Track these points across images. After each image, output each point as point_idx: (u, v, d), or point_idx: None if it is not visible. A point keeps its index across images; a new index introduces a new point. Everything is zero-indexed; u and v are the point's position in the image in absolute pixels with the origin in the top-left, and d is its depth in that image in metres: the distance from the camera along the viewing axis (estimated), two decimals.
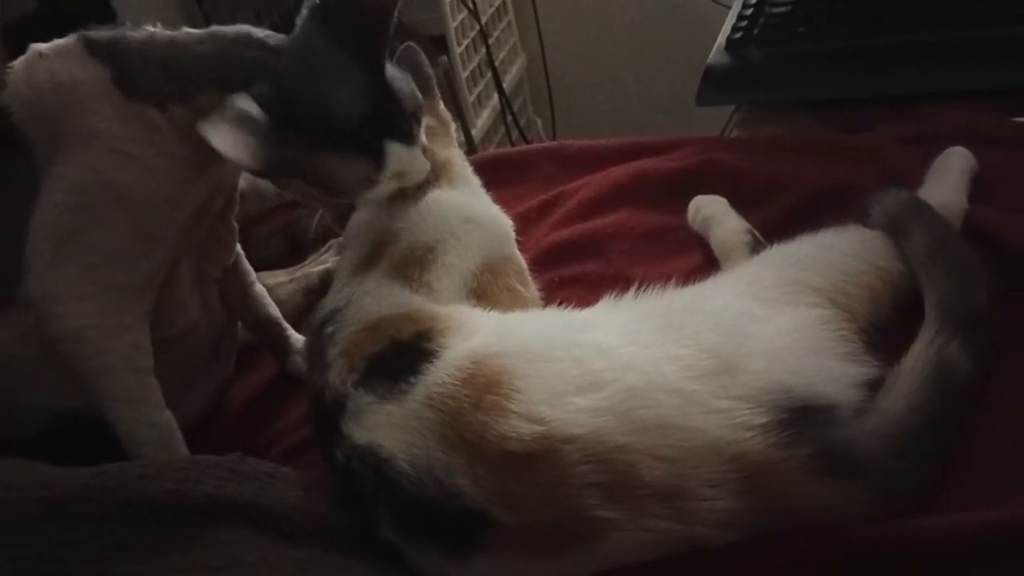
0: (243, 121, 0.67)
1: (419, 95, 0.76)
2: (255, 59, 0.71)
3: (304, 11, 0.73)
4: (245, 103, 0.67)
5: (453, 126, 0.89)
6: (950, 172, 0.81)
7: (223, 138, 0.66)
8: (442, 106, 0.89)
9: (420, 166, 0.75)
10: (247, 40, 0.72)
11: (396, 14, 0.73)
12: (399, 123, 0.73)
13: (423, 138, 0.78)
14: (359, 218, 0.81)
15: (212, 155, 0.70)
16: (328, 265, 1.02)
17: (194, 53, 0.73)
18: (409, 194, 0.79)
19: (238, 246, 0.90)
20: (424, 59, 0.90)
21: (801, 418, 0.59)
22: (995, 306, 0.68)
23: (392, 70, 0.73)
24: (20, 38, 1.39)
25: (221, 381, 0.92)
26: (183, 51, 0.73)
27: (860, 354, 0.65)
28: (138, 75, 0.73)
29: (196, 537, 0.60)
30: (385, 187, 0.74)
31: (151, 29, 0.76)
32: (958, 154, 0.83)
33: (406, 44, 0.89)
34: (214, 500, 0.62)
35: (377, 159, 0.73)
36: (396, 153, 0.73)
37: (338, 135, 0.71)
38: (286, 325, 0.94)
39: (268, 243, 1.09)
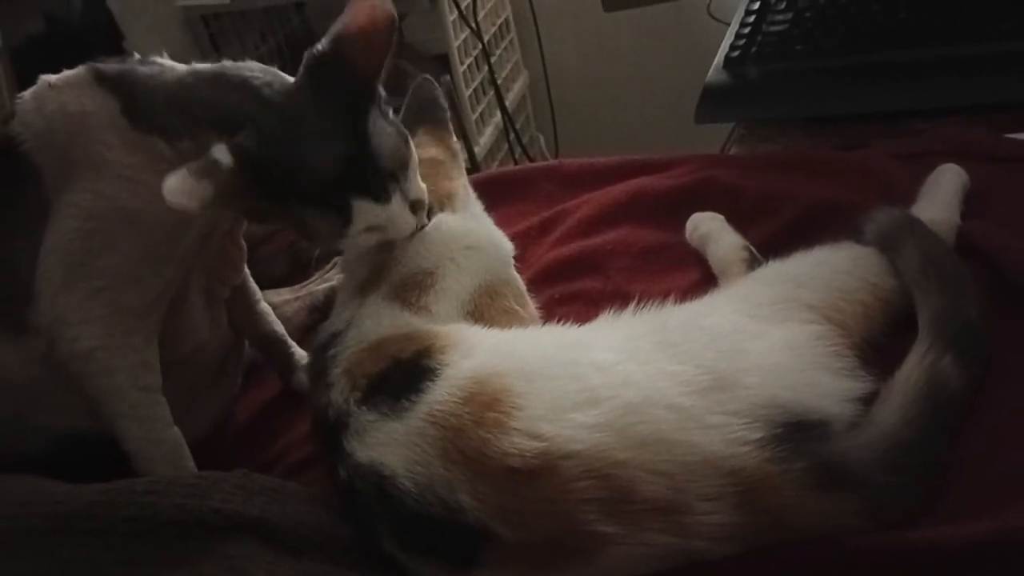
0: (206, 171, 0.67)
1: (405, 152, 0.75)
2: (247, 109, 0.72)
3: (303, 64, 0.73)
4: (220, 152, 0.68)
5: (461, 156, 0.90)
6: (942, 189, 0.82)
7: (173, 184, 0.66)
8: (453, 139, 0.90)
9: (401, 221, 0.74)
10: (244, 87, 0.73)
11: (384, 73, 0.74)
12: (371, 182, 0.72)
13: (417, 183, 0.77)
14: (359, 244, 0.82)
15: None
16: (333, 283, 1.03)
17: (198, 95, 0.74)
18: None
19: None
20: (439, 92, 0.91)
21: (795, 433, 0.60)
22: (987, 321, 0.69)
23: (379, 126, 0.73)
24: (28, 59, 1.42)
25: (228, 399, 0.93)
26: (188, 91, 0.74)
27: (854, 369, 0.66)
28: (145, 108, 0.74)
29: (204, 551, 0.61)
30: (364, 239, 0.74)
31: (161, 62, 0.77)
32: (950, 171, 0.84)
33: (423, 77, 0.90)
34: (221, 515, 0.63)
35: (345, 216, 0.72)
36: (365, 210, 0.72)
37: (307, 191, 0.71)
38: (291, 342, 0.95)
39: (274, 262, 1.11)
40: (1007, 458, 0.63)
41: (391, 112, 0.76)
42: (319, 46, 0.72)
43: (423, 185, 0.77)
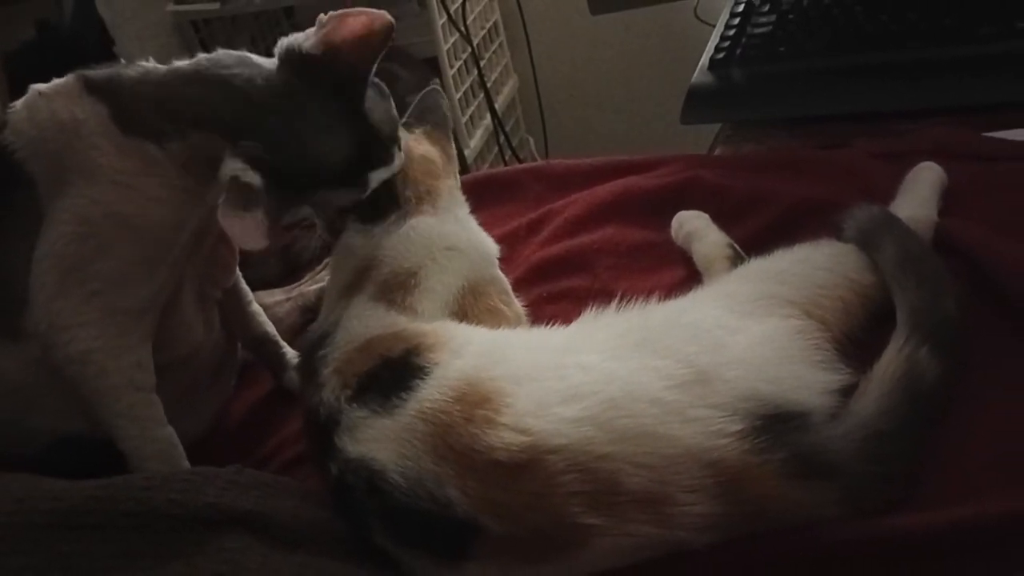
0: (246, 199, 0.71)
1: (394, 113, 0.80)
2: (237, 110, 0.74)
3: (277, 57, 0.76)
4: (239, 169, 0.71)
5: (455, 161, 0.92)
6: (921, 186, 0.84)
7: (242, 232, 0.71)
8: (452, 146, 0.92)
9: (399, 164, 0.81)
10: (226, 85, 0.75)
11: (376, 63, 0.77)
12: (380, 153, 0.78)
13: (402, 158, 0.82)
14: (341, 246, 0.83)
15: (212, 182, 0.73)
16: (324, 284, 1.04)
17: (183, 94, 0.76)
18: (391, 221, 0.82)
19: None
20: (443, 101, 0.94)
21: (775, 424, 0.61)
22: (964, 315, 0.70)
23: (370, 99, 0.77)
24: (20, 66, 1.42)
25: (223, 400, 0.94)
26: (173, 91, 0.76)
27: (833, 362, 0.67)
28: (134, 112, 0.75)
29: (199, 545, 0.62)
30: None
31: (146, 65, 0.79)
32: (929, 169, 0.86)
33: (432, 87, 0.93)
34: (216, 509, 0.64)
35: (363, 188, 0.78)
36: (377, 176, 0.78)
37: (326, 179, 0.76)
38: (282, 342, 0.96)
39: (266, 263, 1.11)
40: (984, 448, 0.65)
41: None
42: (304, 46, 0.74)
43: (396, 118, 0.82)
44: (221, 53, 0.78)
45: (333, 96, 0.75)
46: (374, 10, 0.74)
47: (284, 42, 0.76)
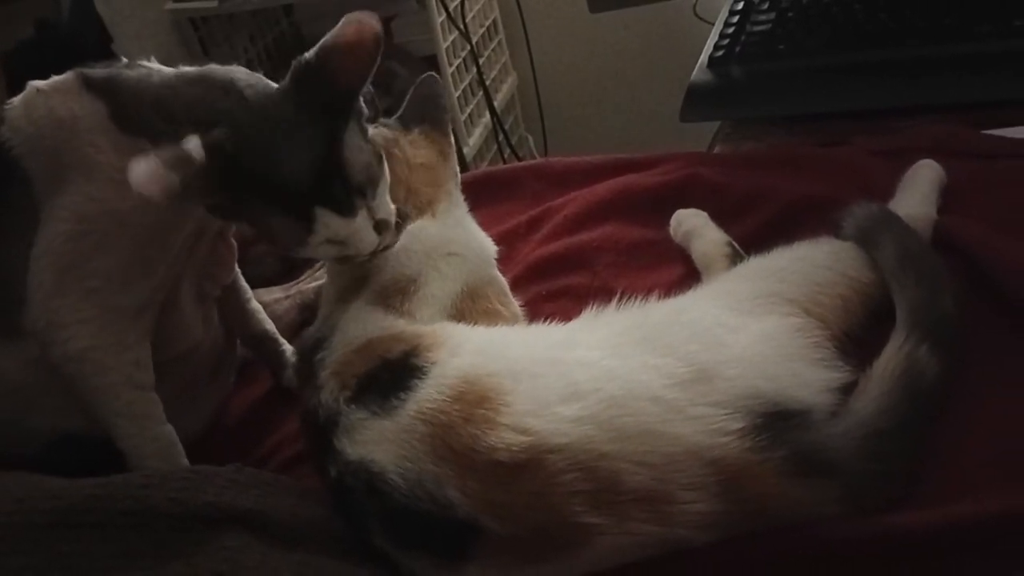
0: (177, 161, 0.66)
1: (377, 170, 0.75)
2: (226, 108, 0.72)
3: (290, 71, 0.74)
4: (193, 146, 0.67)
5: (455, 159, 0.90)
6: (920, 184, 0.84)
7: (140, 171, 0.65)
8: (450, 140, 0.90)
9: (364, 238, 0.74)
10: (228, 88, 0.74)
11: (367, 87, 0.74)
12: (338, 194, 0.72)
13: (386, 203, 0.77)
14: None
15: None
16: (323, 281, 1.04)
17: (182, 97, 0.75)
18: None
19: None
20: (441, 91, 0.91)
21: (775, 422, 0.62)
22: (962, 313, 0.71)
23: (354, 140, 0.73)
24: (18, 64, 1.42)
25: (222, 397, 0.94)
26: (173, 93, 0.75)
27: (833, 360, 0.67)
28: (133, 112, 0.75)
29: (198, 543, 0.62)
30: (323, 250, 0.74)
31: (149, 66, 0.78)
32: (928, 166, 0.86)
33: (428, 74, 0.91)
34: (215, 507, 0.64)
35: (308, 224, 0.72)
36: (328, 221, 0.72)
37: (274, 194, 0.71)
38: (281, 340, 0.96)
39: (264, 261, 1.11)
40: (983, 445, 0.65)
41: (370, 128, 0.77)
42: (307, 55, 0.73)
43: (392, 207, 0.77)
44: (235, 67, 0.77)
45: (318, 114, 0.72)
46: (365, 18, 0.73)
47: (297, 58, 0.74)
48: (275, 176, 0.71)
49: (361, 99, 0.75)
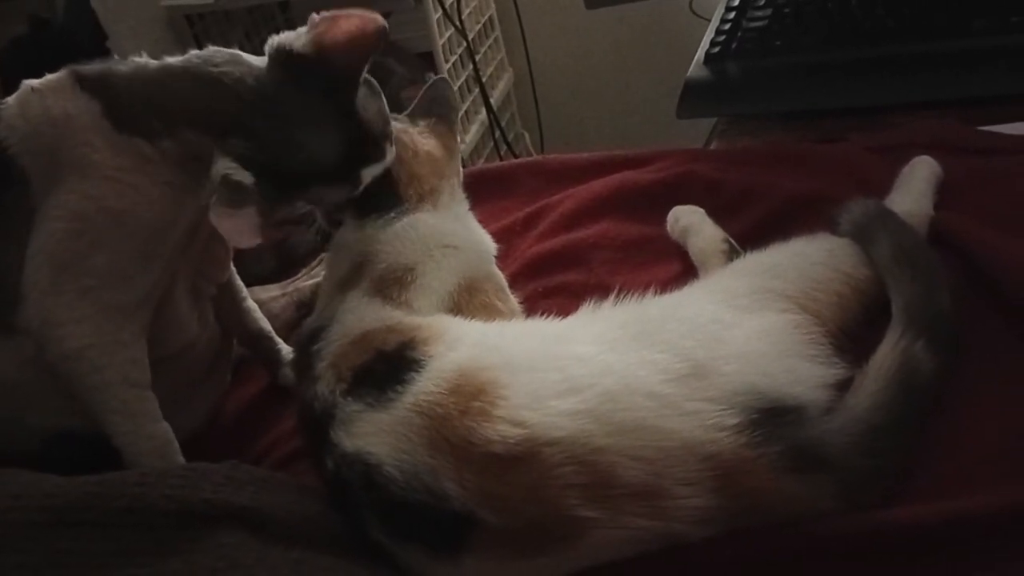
0: (237, 197, 0.71)
1: (385, 110, 0.80)
2: (231, 111, 0.74)
3: (267, 56, 0.75)
4: (230, 167, 0.71)
5: (458, 156, 0.92)
6: (916, 181, 0.84)
7: (234, 230, 0.72)
8: (456, 139, 0.91)
9: (391, 159, 0.81)
10: (216, 83, 0.75)
11: (367, 66, 0.77)
12: (371, 151, 0.78)
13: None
14: (337, 240, 0.83)
15: (205, 179, 0.73)
16: (319, 279, 1.04)
17: (173, 92, 0.75)
18: (390, 217, 0.82)
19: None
20: (451, 93, 0.94)
21: (771, 418, 0.62)
22: (958, 309, 0.71)
23: (362, 97, 0.77)
24: (12, 61, 1.42)
25: (218, 396, 0.94)
26: (164, 89, 0.75)
27: (828, 356, 0.68)
28: (126, 109, 0.75)
29: (195, 540, 0.61)
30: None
31: (138, 61, 0.78)
32: (924, 163, 0.86)
33: (439, 77, 0.92)
34: (212, 505, 0.63)
35: (354, 184, 0.78)
36: (369, 173, 0.79)
37: (318, 175, 0.76)
38: (277, 339, 0.96)
39: (260, 259, 1.11)
40: (978, 441, 0.65)
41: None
42: (295, 45, 0.74)
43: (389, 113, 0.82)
44: (212, 50, 0.78)
45: (324, 95, 0.75)
46: (366, 12, 0.73)
47: (275, 40, 0.76)
48: (314, 165, 0.75)
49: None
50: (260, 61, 0.77)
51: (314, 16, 0.75)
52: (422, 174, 0.84)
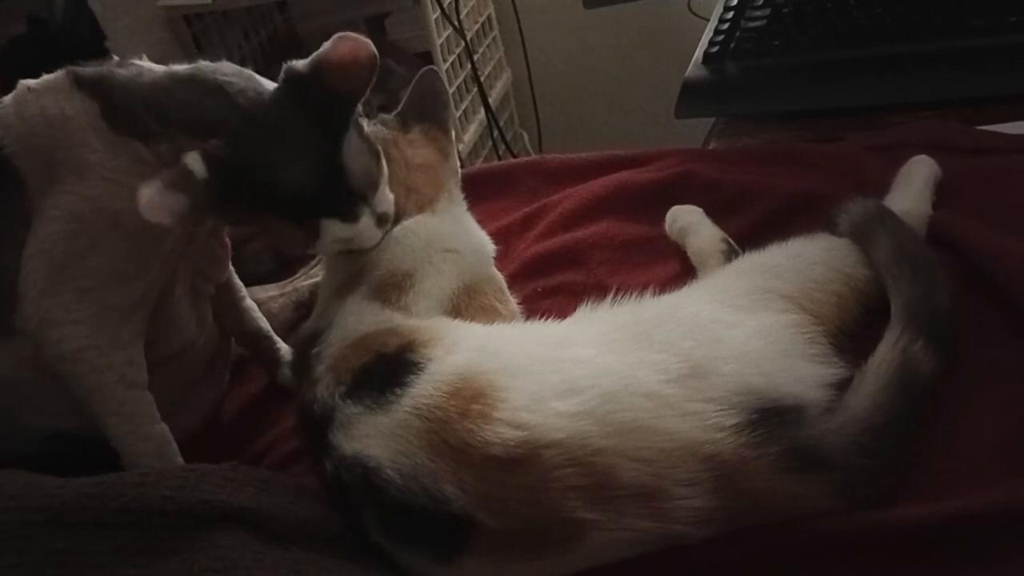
0: (181, 181, 0.68)
1: (376, 170, 0.76)
2: (222, 116, 0.73)
3: (282, 74, 0.74)
4: (193, 161, 0.68)
5: (454, 156, 0.90)
6: (915, 180, 0.84)
7: (149, 200, 0.67)
8: (451, 135, 0.90)
9: (368, 236, 0.77)
10: (219, 92, 0.74)
11: (366, 94, 0.74)
12: (340, 203, 0.74)
13: (386, 197, 0.78)
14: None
15: None
16: (318, 279, 1.04)
17: (173, 98, 0.75)
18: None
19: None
20: (441, 85, 0.91)
21: (771, 418, 0.62)
22: (957, 308, 0.71)
23: (353, 145, 0.74)
24: (10, 61, 1.42)
25: (217, 396, 0.94)
26: (164, 94, 0.75)
27: (828, 356, 0.68)
28: (124, 112, 0.75)
29: (193, 541, 0.61)
30: (330, 248, 0.77)
31: (140, 65, 0.78)
32: (922, 162, 0.86)
33: (428, 68, 0.90)
34: (210, 506, 0.63)
35: (314, 232, 0.74)
36: (332, 229, 0.74)
37: (278, 206, 0.73)
38: (276, 338, 0.96)
39: (259, 259, 1.11)
40: (978, 440, 0.65)
41: (367, 124, 0.77)
42: (300, 65, 0.73)
43: (391, 197, 0.79)
44: (224, 63, 0.77)
45: (314, 124, 0.72)
46: (360, 37, 0.72)
47: (288, 63, 0.74)
48: (277, 189, 0.72)
49: (359, 106, 0.75)
50: (271, 84, 0.75)
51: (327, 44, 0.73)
52: (419, 187, 0.84)
